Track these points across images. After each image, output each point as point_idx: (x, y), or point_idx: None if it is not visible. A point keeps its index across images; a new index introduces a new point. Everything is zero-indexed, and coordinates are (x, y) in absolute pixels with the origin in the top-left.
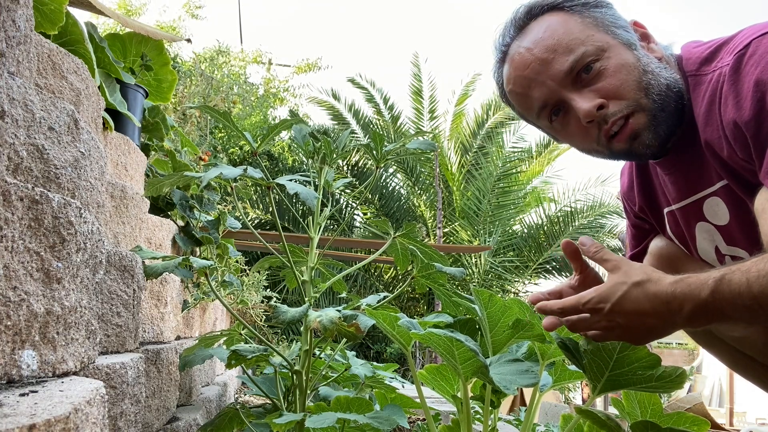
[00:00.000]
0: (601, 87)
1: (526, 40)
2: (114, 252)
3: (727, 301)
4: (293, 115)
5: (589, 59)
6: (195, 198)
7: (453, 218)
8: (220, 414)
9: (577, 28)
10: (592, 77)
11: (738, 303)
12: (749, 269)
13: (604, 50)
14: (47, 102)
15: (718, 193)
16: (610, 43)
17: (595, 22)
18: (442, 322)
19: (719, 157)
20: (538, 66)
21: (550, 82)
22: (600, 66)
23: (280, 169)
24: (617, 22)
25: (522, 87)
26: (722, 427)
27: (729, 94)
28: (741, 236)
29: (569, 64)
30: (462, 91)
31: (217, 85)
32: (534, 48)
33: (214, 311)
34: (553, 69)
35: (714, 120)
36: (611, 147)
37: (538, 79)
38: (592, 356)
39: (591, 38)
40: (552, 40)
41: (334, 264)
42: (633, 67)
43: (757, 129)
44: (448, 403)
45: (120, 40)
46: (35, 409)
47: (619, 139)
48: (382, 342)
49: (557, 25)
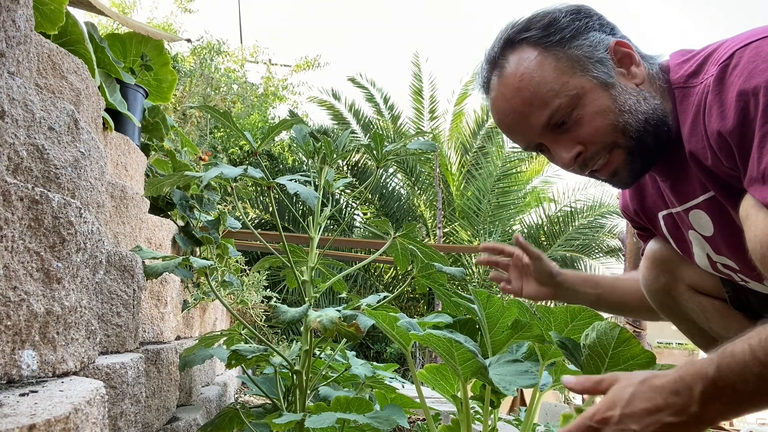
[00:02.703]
0: (578, 134)
1: (504, 82)
2: (114, 252)
3: (735, 373)
4: (293, 115)
5: (564, 111)
6: (195, 198)
7: (453, 218)
8: (220, 414)
9: (551, 74)
10: (570, 126)
11: (746, 373)
12: (750, 336)
13: (579, 97)
14: (47, 102)
15: (701, 206)
16: (586, 87)
17: (570, 63)
18: (441, 323)
19: (704, 166)
20: (517, 117)
21: (529, 133)
22: (576, 115)
23: (280, 169)
24: (594, 56)
25: (505, 130)
26: (722, 427)
27: (713, 105)
28: (725, 247)
29: (545, 118)
30: (462, 91)
31: (216, 84)
32: (512, 99)
33: (214, 311)
34: (530, 122)
35: (698, 131)
36: (595, 177)
37: (518, 128)
38: (589, 353)
39: (565, 87)
40: (527, 92)
41: (334, 264)
42: (609, 111)
43: (741, 137)
44: (448, 403)
45: (120, 40)
46: (35, 409)
47: (601, 174)
48: (382, 342)
49: (532, 71)
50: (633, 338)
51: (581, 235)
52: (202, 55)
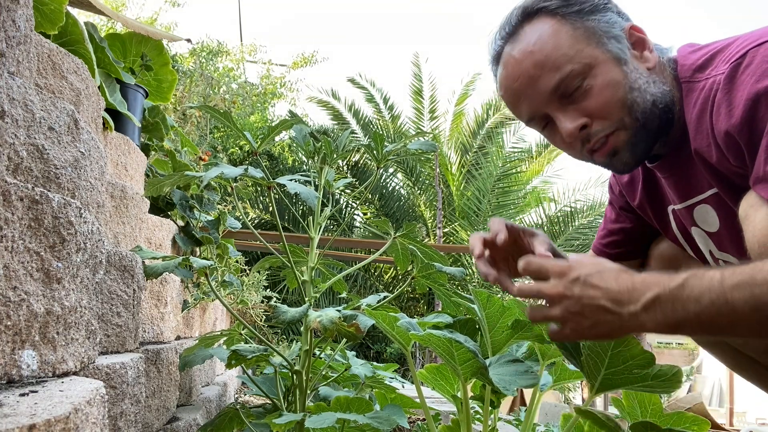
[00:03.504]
0: (585, 106)
1: (517, 47)
2: (114, 252)
3: (695, 291)
4: (293, 115)
5: (575, 78)
6: (195, 198)
7: (453, 218)
8: (220, 414)
9: (567, 41)
10: (579, 95)
11: (704, 296)
12: (724, 268)
13: (591, 67)
14: (47, 102)
15: (708, 200)
16: (599, 59)
17: (586, 33)
18: (441, 323)
19: (709, 164)
20: (526, 81)
21: (537, 98)
22: (586, 84)
23: (280, 169)
24: (610, 32)
25: (511, 98)
26: (722, 427)
27: (722, 103)
28: (730, 244)
29: (555, 81)
30: (462, 91)
31: (216, 84)
32: (524, 61)
33: (214, 311)
34: (539, 85)
35: (704, 128)
36: (593, 159)
37: (526, 92)
38: (588, 353)
39: (579, 54)
40: (541, 55)
41: (334, 264)
42: (619, 85)
43: (750, 136)
44: (448, 403)
45: (120, 40)
46: (35, 409)
47: (600, 154)
48: (382, 342)
49: (548, 36)
50: (632, 338)
51: (581, 235)
52: (201, 56)
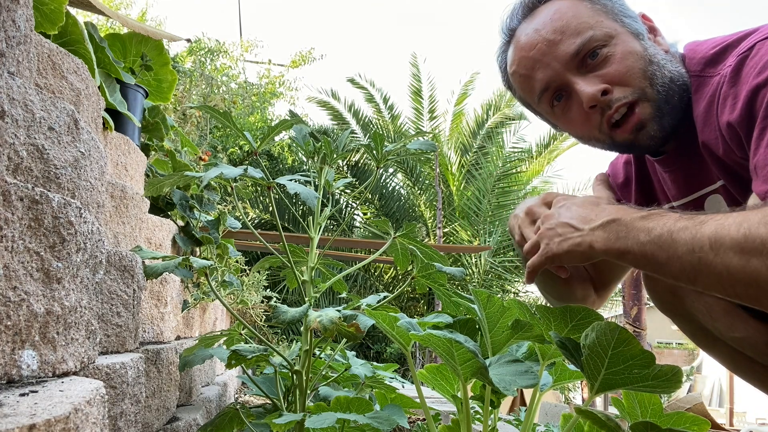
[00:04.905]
0: (606, 72)
1: (533, 22)
2: (114, 252)
3: (649, 226)
4: (293, 115)
5: (596, 44)
6: (195, 198)
7: (453, 218)
8: (220, 414)
9: (586, 12)
10: (598, 63)
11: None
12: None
13: (611, 37)
14: (47, 102)
15: (719, 190)
16: (618, 30)
17: (604, 9)
18: (441, 323)
19: (716, 156)
20: (545, 47)
21: (556, 64)
22: (607, 52)
23: (280, 169)
24: (626, 12)
25: (526, 68)
26: (722, 427)
27: (727, 96)
28: None
29: (576, 46)
30: (461, 91)
31: (215, 83)
32: (542, 29)
33: (214, 311)
34: (559, 50)
35: (711, 121)
36: (613, 136)
37: (543, 60)
38: (589, 353)
39: (600, 24)
40: (560, 22)
41: (334, 264)
42: (639, 56)
43: (748, 128)
44: (448, 403)
45: (120, 40)
46: (35, 409)
47: (624, 129)
48: (382, 342)
49: (566, 8)
50: (633, 338)
51: None
52: (199, 54)
